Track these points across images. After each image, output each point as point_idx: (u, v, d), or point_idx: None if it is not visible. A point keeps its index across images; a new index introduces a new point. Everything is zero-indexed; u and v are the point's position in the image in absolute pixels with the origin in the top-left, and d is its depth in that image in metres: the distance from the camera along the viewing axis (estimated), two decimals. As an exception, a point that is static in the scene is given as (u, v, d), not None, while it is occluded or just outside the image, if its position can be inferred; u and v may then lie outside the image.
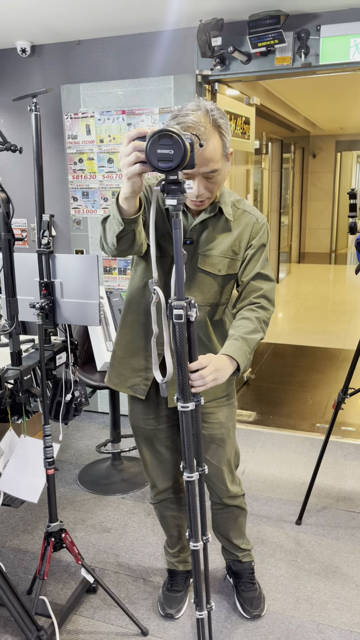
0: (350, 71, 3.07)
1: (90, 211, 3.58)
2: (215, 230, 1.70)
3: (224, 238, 1.71)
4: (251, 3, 2.82)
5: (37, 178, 1.90)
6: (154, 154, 1.17)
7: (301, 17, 2.97)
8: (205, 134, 1.47)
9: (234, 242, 1.71)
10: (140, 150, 1.21)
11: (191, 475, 1.42)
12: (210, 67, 3.18)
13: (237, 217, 1.72)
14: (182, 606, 2.12)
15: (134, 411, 1.90)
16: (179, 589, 2.15)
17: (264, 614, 2.09)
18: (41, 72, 3.61)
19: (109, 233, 1.48)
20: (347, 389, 2.45)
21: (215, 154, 1.53)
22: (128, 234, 1.44)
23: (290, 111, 7.57)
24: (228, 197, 1.72)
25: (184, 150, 1.16)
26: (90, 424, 3.72)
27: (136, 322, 1.80)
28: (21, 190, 3.84)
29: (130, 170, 1.24)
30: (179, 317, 1.28)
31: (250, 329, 1.63)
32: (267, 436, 3.49)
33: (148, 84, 3.24)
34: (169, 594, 2.14)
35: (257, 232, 1.72)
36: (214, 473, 1.94)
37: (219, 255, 1.70)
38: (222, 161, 1.57)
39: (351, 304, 7.32)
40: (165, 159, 1.16)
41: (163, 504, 2.06)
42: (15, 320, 1.78)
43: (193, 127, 1.47)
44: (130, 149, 1.23)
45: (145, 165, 1.22)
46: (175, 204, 1.21)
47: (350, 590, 2.19)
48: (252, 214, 1.74)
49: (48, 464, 1.89)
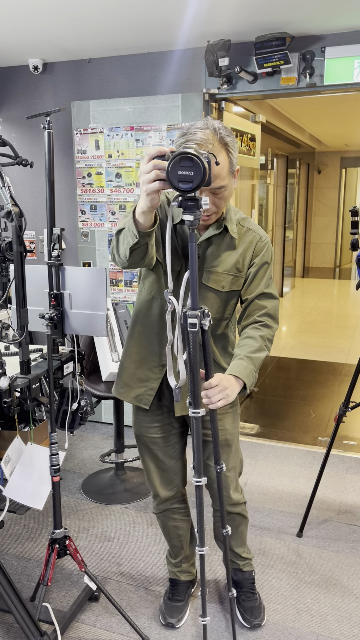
0: (354, 91, 3.14)
1: (98, 224, 3.65)
2: (220, 248, 1.75)
3: (228, 255, 1.75)
4: (258, 25, 2.91)
5: (48, 193, 1.96)
6: (174, 175, 1.24)
7: (306, 39, 3.05)
8: (212, 152, 1.52)
9: (238, 260, 1.76)
10: (160, 169, 1.28)
11: (199, 480, 1.47)
12: (218, 86, 3.26)
13: (241, 235, 1.77)
14: (183, 615, 2.14)
15: (138, 420, 1.95)
16: (181, 599, 2.17)
17: (264, 623, 2.11)
18: (52, 89, 3.71)
19: (122, 245, 1.53)
20: (349, 403, 2.49)
21: (223, 171, 1.58)
22: (141, 247, 1.50)
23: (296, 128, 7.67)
24: (233, 215, 1.77)
25: (203, 172, 1.22)
26: (95, 434, 3.75)
27: (143, 333, 1.85)
28: (30, 203, 3.92)
29: (149, 187, 1.31)
30: (193, 325, 1.34)
31: (255, 348, 1.69)
32: (269, 449, 3.52)
33: (156, 101, 3.32)
34: (171, 603, 2.16)
35: (260, 250, 1.77)
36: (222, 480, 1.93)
37: (223, 272, 1.75)
38: (229, 178, 1.63)
39: (355, 319, 7.35)
40: (185, 180, 1.23)
41: (165, 514, 2.09)
42: (25, 330, 1.83)
43: (201, 144, 1.54)
44: (150, 167, 1.30)
45: (164, 182, 1.29)
46: (192, 220, 1.28)
47: (350, 602, 2.21)
48: (256, 232, 1.79)
49: (54, 471, 1.93)
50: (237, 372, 1.61)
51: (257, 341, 1.71)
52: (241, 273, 1.77)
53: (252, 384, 1.65)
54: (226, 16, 2.76)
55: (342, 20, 2.82)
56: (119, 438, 3.11)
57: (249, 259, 1.77)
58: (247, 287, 1.78)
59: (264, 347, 1.71)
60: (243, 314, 1.80)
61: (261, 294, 1.77)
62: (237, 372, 1.61)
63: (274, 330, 1.78)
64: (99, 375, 3.02)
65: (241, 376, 1.60)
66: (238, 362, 1.65)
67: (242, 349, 1.70)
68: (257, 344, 1.70)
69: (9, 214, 1.76)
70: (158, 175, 1.29)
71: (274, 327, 1.78)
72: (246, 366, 1.64)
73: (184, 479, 2.06)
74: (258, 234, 1.79)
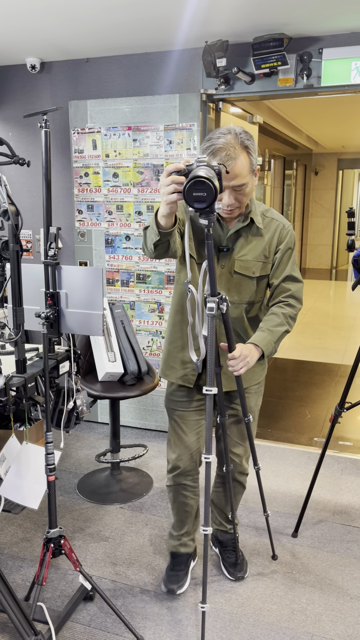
0: (351, 93, 3.15)
1: (95, 224, 3.64)
2: (248, 238, 1.98)
3: (256, 244, 1.98)
4: (255, 26, 2.91)
5: (45, 193, 1.96)
6: (190, 197, 1.47)
7: (304, 40, 3.06)
8: (234, 153, 1.78)
9: (265, 247, 1.98)
10: (177, 183, 1.52)
11: (208, 456, 1.68)
12: (215, 87, 3.26)
13: (266, 225, 1.99)
14: (184, 583, 2.29)
15: (175, 397, 2.15)
16: (181, 569, 2.33)
17: (247, 576, 2.36)
18: (50, 88, 3.70)
19: (148, 239, 1.78)
20: (344, 403, 2.49)
21: (244, 170, 1.82)
22: (163, 243, 1.74)
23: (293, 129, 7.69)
24: (257, 208, 2.00)
25: (214, 193, 1.45)
26: (90, 434, 3.75)
27: (183, 321, 2.08)
28: (27, 202, 3.91)
29: (168, 198, 1.56)
30: (211, 309, 1.61)
31: (276, 323, 1.95)
32: (265, 449, 3.52)
33: (154, 101, 3.32)
34: (172, 572, 2.32)
35: (284, 237, 2.00)
36: (236, 450, 2.23)
37: (252, 259, 1.98)
38: (250, 176, 1.86)
39: (351, 320, 7.37)
40: (199, 200, 1.47)
41: (177, 489, 2.24)
42: (21, 329, 1.82)
43: (223, 147, 1.78)
44: (169, 181, 1.53)
45: (180, 194, 1.52)
46: (207, 223, 1.53)
47: (344, 602, 2.22)
48: (280, 221, 2.02)
49: (49, 470, 1.93)
50: (256, 341, 1.88)
51: (279, 317, 1.96)
52: (268, 259, 1.99)
53: (271, 352, 1.91)
54: (224, 17, 2.77)
55: (339, 22, 2.83)
56: (114, 438, 3.11)
57: (275, 246, 1.99)
58: (274, 272, 2.00)
59: (285, 323, 1.96)
60: (270, 297, 2.04)
61: (286, 278, 2.00)
62: (257, 341, 1.88)
63: (297, 309, 2.01)
64: (95, 375, 3.02)
65: (260, 344, 1.87)
66: (259, 333, 1.92)
67: (265, 323, 1.96)
68: (279, 320, 1.95)
69: (6, 212, 1.76)
70: (176, 188, 1.53)
71: (297, 307, 2.01)
72: (265, 337, 1.90)
73: (200, 460, 2.22)
74: (281, 223, 2.01)
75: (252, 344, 1.88)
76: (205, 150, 1.83)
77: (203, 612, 1.85)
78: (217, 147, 1.79)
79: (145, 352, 3.67)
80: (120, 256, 3.63)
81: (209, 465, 1.70)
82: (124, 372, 2.96)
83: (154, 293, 3.59)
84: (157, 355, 3.66)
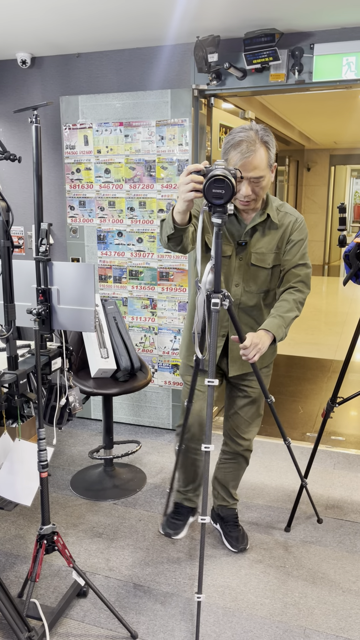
0: (343, 88, 3.15)
1: (87, 220, 3.63)
2: (264, 232, 2.13)
3: (271, 237, 2.13)
4: (247, 21, 2.91)
5: (36, 188, 1.95)
6: (210, 193, 1.63)
7: (295, 36, 3.06)
8: (254, 146, 1.93)
9: (279, 239, 2.13)
10: (196, 182, 1.66)
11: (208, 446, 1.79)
12: (207, 82, 3.25)
13: (280, 219, 2.14)
14: (181, 532, 2.55)
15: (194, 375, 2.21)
16: (181, 519, 2.58)
17: (248, 547, 2.50)
18: (41, 84, 3.68)
19: (163, 232, 1.93)
20: (336, 398, 2.50)
21: (262, 163, 1.96)
22: (176, 238, 1.89)
23: (285, 125, 7.70)
24: (273, 203, 2.14)
25: (232, 191, 1.63)
26: (84, 430, 3.75)
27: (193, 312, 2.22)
28: (19, 198, 3.89)
29: (187, 196, 1.70)
30: (215, 304, 1.76)
31: (287, 309, 2.08)
32: (258, 444, 3.53)
33: (145, 97, 3.31)
34: (171, 520, 2.58)
35: (295, 228, 2.14)
36: (246, 428, 2.40)
37: (267, 252, 2.13)
38: (267, 170, 2.00)
39: (343, 316, 7.40)
40: (218, 196, 1.64)
41: (189, 449, 2.42)
42: (12, 325, 1.82)
43: (244, 140, 1.93)
44: (188, 180, 1.68)
45: (198, 192, 1.67)
46: (220, 222, 1.69)
47: (337, 596, 2.23)
48: (293, 214, 2.16)
49: (42, 467, 1.92)
50: (267, 327, 2.01)
51: (289, 303, 2.10)
52: (281, 249, 2.14)
53: (282, 337, 2.05)
54: (215, 12, 2.76)
55: (331, 17, 2.83)
56: (108, 434, 3.11)
57: (287, 237, 2.13)
58: (286, 259, 2.14)
59: (295, 308, 2.10)
60: (281, 282, 2.18)
61: (297, 265, 2.14)
62: (268, 327, 2.01)
63: (305, 294, 2.16)
64: (88, 371, 3.02)
65: (271, 330, 2.00)
66: (270, 320, 2.05)
67: (276, 309, 2.09)
68: (289, 306, 2.09)
69: (-4, 208, 1.74)
70: (194, 187, 1.67)
71: (305, 292, 2.16)
72: (276, 322, 2.03)
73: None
74: (294, 216, 2.15)
75: (262, 330, 2.01)
76: (227, 143, 1.98)
77: (199, 602, 1.88)
78: (237, 140, 1.94)
79: (138, 348, 3.67)
80: (112, 252, 3.62)
81: (208, 454, 1.79)
82: (116, 368, 2.96)
83: (146, 289, 3.59)
84: (150, 351, 3.66)
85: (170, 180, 3.37)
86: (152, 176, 3.41)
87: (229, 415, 2.43)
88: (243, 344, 1.95)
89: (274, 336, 2.01)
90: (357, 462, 3.33)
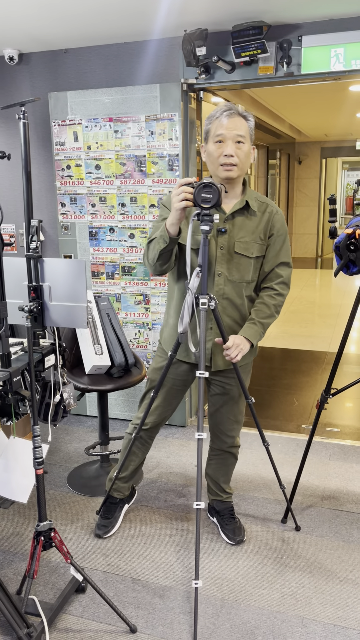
0: (331, 80, 3.15)
1: (78, 217, 3.62)
2: (244, 221, 2.16)
3: (252, 226, 2.17)
4: (234, 14, 2.90)
5: (25, 184, 1.94)
6: (199, 197, 1.85)
7: (283, 28, 3.05)
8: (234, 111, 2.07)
9: (261, 230, 2.18)
10: (187, 192, 1.87)
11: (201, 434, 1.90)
12: (196, 76, 3.24)
13: (259, 207, 2.18)
14: (110, 530, 2.58)
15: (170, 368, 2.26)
16: (109, 517, 2.61)
17: (246, 539, 2.53)
18: (29, 80, 3.66)
19: (151, 252, 2.07)
20: (330, 389, 2.51)
21: (242, 127, 2.07)
22: (167, 251, 2.03)
23: (276, 118, 7.69)
24: (252, 194, 2.19)
25: (218, 196, 1.84)
26: (79, 427, 3.75)
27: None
28: (9, 196, 3.87)
29: (179, 205, 1.89)
30: (204, 304, 1.92)
31: (267, 314, 2.21)
32: (254, 437, 3.54)
33: (134, 92, 3.30)
34: (101, 521, 2.61)
35: (276, 221, 2.20)
36: (229, 426, 2.45)
37: (251, 241, 2.16)
38: (248, 139, 2.09)
39: (336, 308, 7.42)
40: (206, 200, 1.85)
41: (140, 439, 2.49)
42: (4, 323, 1.81)
43: (225, 105, 2.07)
44: (180, 191, 1.88)
45: (189, 202, 1.88)
46: (208, 229, 1.86)
47: (334, 585, 2.25)
48: (271, 205, 2.22)
49: (37, 464, 1.92)
50: (247, 335, 2.16)
51: (269, 309, 2.21)
52: (263, 241, 2.19)
53: (259, 341, 2.21)
54: (203, 5, 2.75)
55: (318, 9, 2.83)
56: (103, 430, 3.11)
57: (269, 229, 2.19)
58: (268, 258, 2.21)
59: (274, 314, 2.23)
60: (264, 279, 2.25)
61: (280, 263, 2.23)
62: (247, 335, 2.16)
63: (285, 297, 2.26)
64: (83, 368, 3.01)
65: (250, 338, 2.16)
66: (250, 326, 2.19)
67: (256, 312, 2.21)
68: (269, 311, 2.21)
69: (-14, 205, 1.74)
70: (186, 197, 1.87)
71: (286, 293, 2.26)
72: (255, 329, 2.18)
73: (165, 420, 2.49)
74: (274, 208, 2.21)
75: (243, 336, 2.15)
76: (207, 120, 2.11)
77: (196, 588, 1.90)
78: (217, 110, 2.07)
79: (133, 344, 3.67)
80: (104, 249, 3.61)
81: (201, 442, 1.90)
82: (111, 364, 2.96)
83: (139, 285, 3.59)
84: (144, 347, 3.66)
85: (161, 176, 3.37)
86: (142, 171, 3.40)
87: (211, 413, 2.47)
88: (226, 345, 2.09)
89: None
90: (352, 453, 3.35)
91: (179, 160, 3.31)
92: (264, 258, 2.22)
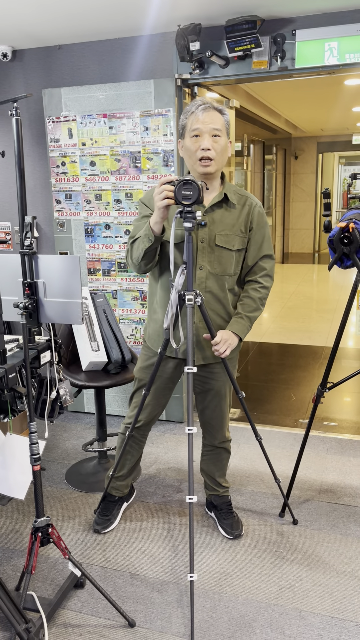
0: (326, 74, 3.15)
1: (74, 213, 3.62)
2: (224, 214, 2.17)
3: (232, 219, 2.17)
4: (228, 8, 2.89)
5: (19, 181, 1.94)
6: (180, 194, 1.86)
7: (277, 22, 3.05)
8: (210, 105, 2.08)
9: (241, 222, 2.18)
10: (168, 190, 1.88)
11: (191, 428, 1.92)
12: (190, 71, 3.24)
13: (239, 201, 2.19)
14: (109, 525, 2.58)
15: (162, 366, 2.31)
16: (107, 515, 2.60)
17: (243, 533, 2.54)
18: (23, 77, 3.65)
19: (135, 251, 2.09)
20: (326, 383, 2.52)
21: (217, 119, 2.08)
22: (152, 250, 2.05)
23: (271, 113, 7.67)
24: (230, 187, 2.20)
25: (198, 192, 1.84)
26: (77, 424, 3.75)
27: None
28: (5, 193, 3.87)
29: (161, 204, 1.91)
30: (190, 300, 1.93)
31: (253, 308, 2.23)
32: (251, 432, 3.55)
33: (129, 87, 3.29)
34: (99, 518, 2.61)
35: (256, 214, 2.21)
36: (219, 421, 2.46)
37: (231, 233, 2.17)
38: (224, 132, 2.10)
39: (334, 303, 7.43)
40: (187, 197, 1.85)
41: (134, 438, 2.49)
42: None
43: (200, 100, 2.10)
44: (161, 190, 1.90)
45: (171, 200, 1.89)
46: (190, 226, 1.86)
47: (331, 578, 2.26)
48: (250, 198, 2.23)
49: (34, 460, 1.93)
50: (234, 330, 2.19)
51: (255, 302, 2.23)
52: (244, 234, 2.20)
53: (246, 335, 2.22)
54: (195, -1, 2.74)
55: (312, 3, 2.82)
56: (101, 427, 3.12)
57: (249, 222, 2.20)
58: (251, 252, 2.23)
59: (260, 307, 2.25)
60: (247, 273, 2.27)
61: (264, 256, 2.25)
62: (235, 330, 2.19)
63: (269, 289, 2.27)
64: (79, 364, 3.02)
65: (237, 332, 2.19)
66: (237, 320, 2.21)
67: (242, 307, 2.23)
68: (255, 305, 2.23)
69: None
70: (167, 195, 1.88)
71: (270, 285, 2.27)
72: (243, 324, 2.20)
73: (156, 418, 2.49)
74: (253, 200, 2.22)
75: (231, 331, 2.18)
76: (183, 115, 2.12)
77: (191, 581, 1.90)
78: (192, 105, 2.09)
79: (129, 340, 3.67)
80: (100, 245, 3.61)
81: (192, 436, 1.92)
82: (107, 361, 2.96)
83: (135, 281, 3.59)
84: (141, 343, 3.65)
85: (156, 171, 3.36)
86: (137, 167, 3.40)
87: (200, 410, 2.49)
88: (214, 340, 2.12)
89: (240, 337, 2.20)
90: (349, 447, 3.36)
91: (174, 156, 3.30)
92: (247, 252, 2.23)
